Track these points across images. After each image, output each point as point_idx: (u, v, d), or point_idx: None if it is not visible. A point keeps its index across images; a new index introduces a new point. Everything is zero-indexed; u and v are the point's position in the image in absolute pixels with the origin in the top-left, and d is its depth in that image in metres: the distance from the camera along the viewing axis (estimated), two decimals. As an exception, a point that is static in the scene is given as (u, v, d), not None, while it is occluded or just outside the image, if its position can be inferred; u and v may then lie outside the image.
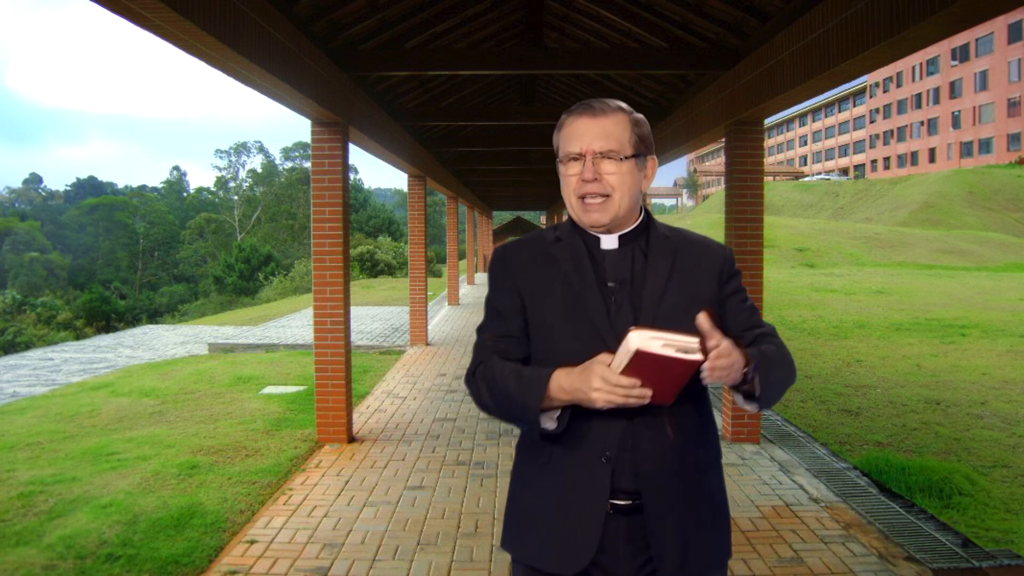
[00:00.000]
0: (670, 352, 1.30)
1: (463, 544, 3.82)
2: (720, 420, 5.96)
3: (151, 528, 3.94)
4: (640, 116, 1.60)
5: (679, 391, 1.40)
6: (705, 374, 1.36)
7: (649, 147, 1.60)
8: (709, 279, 1.59)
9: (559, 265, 1.58)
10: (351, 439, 5.80)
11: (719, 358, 1.34)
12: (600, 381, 1.36)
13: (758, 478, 4.83)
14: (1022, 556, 3.69)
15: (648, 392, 1.37)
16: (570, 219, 1.64)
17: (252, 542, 3.85)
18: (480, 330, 1.67)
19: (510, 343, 1.60)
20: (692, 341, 1.32)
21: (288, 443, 5.62)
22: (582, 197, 1.56)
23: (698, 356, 1.31)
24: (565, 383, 1.43)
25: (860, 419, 6.86)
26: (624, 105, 1.58)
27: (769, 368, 1.49)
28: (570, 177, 1.57)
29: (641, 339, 1.30)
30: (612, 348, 1.46)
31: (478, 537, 3.91)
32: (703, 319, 1.35)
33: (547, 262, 1.60)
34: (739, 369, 1.40)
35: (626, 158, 1.54)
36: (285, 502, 4.42)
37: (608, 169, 1.53)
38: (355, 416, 6.52)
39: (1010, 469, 5.41)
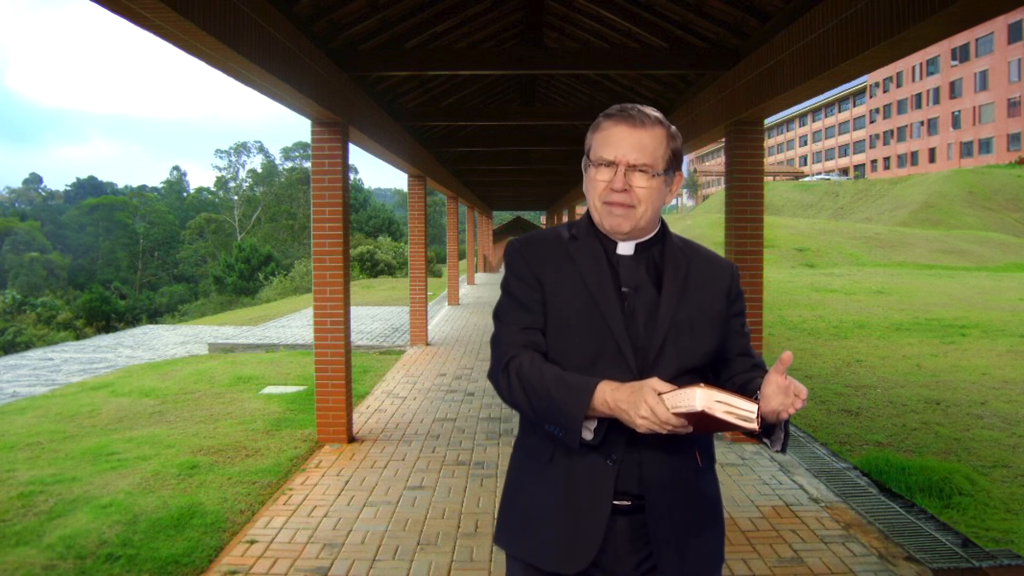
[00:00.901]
0: (731, 419, 1.35)
1: (463, 544, 3.82)
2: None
3: (151, 528, 3.94)
4: (676, 130, 1.60)
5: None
6: (784, 416, 1.41)
7: (679, 162, 1.61)
8: (719, 294, 1.62)
9: (577, 264, 1.58)
10: (351, 439, 5.80)
11: (802, 400, 1.40)
12: (648, 411, 1.36)
13: (758, 478, 4.83)
14: (1022, 556, 3.69)
15: (689, 428, 1.40)
16: (587, 218, 1.64)
17: (252, 542, 3.85)
18: (499, 317, 1.62)
19: (538, 336, 1.58)
20: (751, 409, 1.35)
21: (288, 443, 5.62)
22: (607, 202, 1.55)
23: (754, 425, 1.35)
24: (610, 398, 1.42)
25: (860, 419, 6.86)
26: (663, 118, 1.58)
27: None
28: (598, 182, 1.56)
29: (706, 400, 1.34)
30: (624, 352, 1.50)
31: (478, 537, 3.91)
32: (788, 358, 1.40)
33: (566, 260, 1.59)
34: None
35: (657, 174, 1.54)
36: (285, 502, 4.42)
37: (639, 183, 1.53)
38: (355, 416, 6.52)
39: (1010, 469, 5.40)
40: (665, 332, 1.53)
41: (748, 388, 1.55)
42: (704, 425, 1.38)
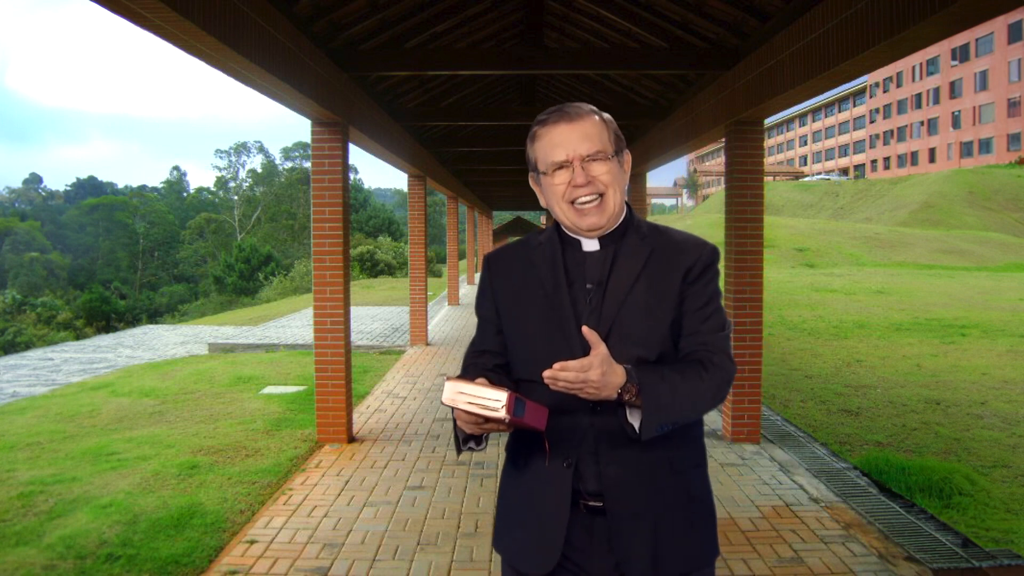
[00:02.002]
0: (477, 410, 1.34)
1: (463, 544, 3.82)
2: (720, 420, 5.96)
3: (151, 528, 3.94)
4: (607, 115, 1.60)
5: (537, 421, 1.40)
6: (548, 383, 1.37)
7: (623, 142, 1.61)
8: (677, 277, 1.54)
9: (537, 270, 1.59)
10: (351, 439, 5.80)
11: (564, 371, 1.35)
12: (459, 412, 1.40)
13: (758, 478, 4.83)
14: (1022, 556, 3.69)
15: (496, 426, 1.39)
16: (554, 224, 1.64)
17: (252, 542, 3.85)
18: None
19: (486, 358, 1.65)
20: (498, 398, 1.32)
21: (288, 443, 5.62)
22: (573, 201, 1.53)
23: (499, 414, 1.32)
24: None
25: (860, 419, 6.86)
26: (592, 107, 1.58)
27: (657, 395, 1.43)
28: (558, 186, 1.54)
29: (449, 393, 1.35)
30: (575, 353, 1.45)
31: (478, 537, 3.91)
32: (586, 331, 1.38)
33: (528, 267, 1.60)
34: (611, 387, 1.38)
35: (610, 158, 1.54)
36: (285, 502, 4.42)
37: (599, 170, 1.53)
38: (355, 416, 6.52)
39: (1010, 469, 5.41)
40: (609, 325, 1.50)
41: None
42: (485, 418, 1.36)
